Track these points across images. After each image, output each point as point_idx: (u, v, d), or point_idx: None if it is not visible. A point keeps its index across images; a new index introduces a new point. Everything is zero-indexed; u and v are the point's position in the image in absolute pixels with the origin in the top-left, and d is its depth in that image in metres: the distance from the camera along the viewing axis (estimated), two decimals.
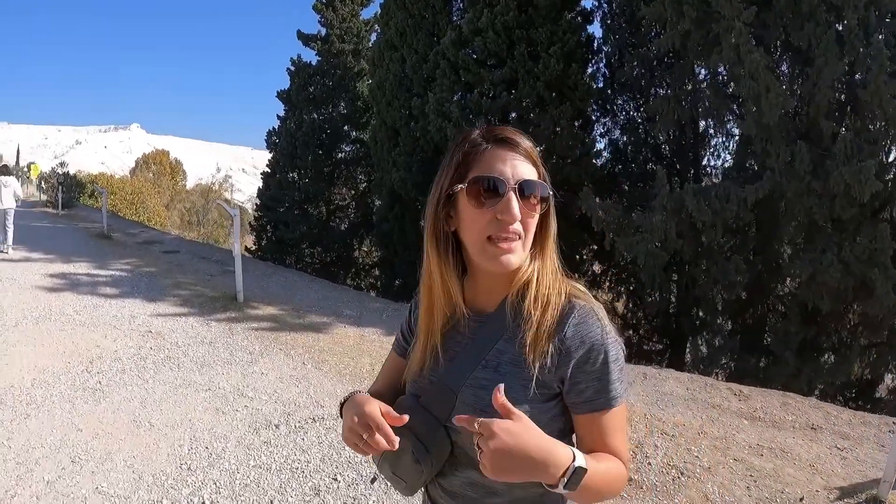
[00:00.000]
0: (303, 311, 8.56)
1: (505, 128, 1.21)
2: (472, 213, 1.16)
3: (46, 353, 6.14)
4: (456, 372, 1.25)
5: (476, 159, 1.17)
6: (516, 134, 1.20)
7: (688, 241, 8.82)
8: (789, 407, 5.18)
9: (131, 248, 14.53)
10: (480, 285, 1.27)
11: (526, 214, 1.16)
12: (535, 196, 1.16)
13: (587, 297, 1.24)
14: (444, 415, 1.23)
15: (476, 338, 1.25)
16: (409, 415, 1.20)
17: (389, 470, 1.31)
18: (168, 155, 50.34)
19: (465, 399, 1.22)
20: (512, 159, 1.16)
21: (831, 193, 7.48)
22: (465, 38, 12.03)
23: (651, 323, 12.36)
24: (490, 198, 1.14)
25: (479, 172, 1.16)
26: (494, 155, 1.17)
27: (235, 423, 4.68)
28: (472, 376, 1.22)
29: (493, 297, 1.26)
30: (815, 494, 3.71)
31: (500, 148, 1.18)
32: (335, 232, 19.97)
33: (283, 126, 20.70)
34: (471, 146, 1.19)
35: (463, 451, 1.24)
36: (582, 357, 1.17)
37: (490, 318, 1.25)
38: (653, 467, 4.04)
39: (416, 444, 1.23)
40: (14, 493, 3.53)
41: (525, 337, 1.18)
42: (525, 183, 1.15)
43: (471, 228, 1.17)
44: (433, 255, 1.25)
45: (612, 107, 13.12)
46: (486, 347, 1.23)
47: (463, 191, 1.17)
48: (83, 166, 66.43)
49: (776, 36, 8.41)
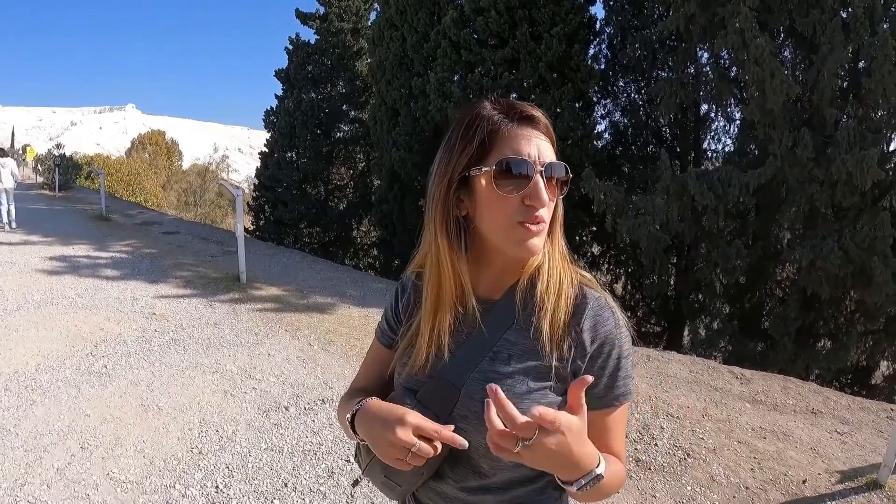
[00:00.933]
0: (306, 291, 8.56)
1: (524, 103, 1.12)
2: (496, 197, 1.07)
3: (50, 338, 6.07)
4: (460, 365, 1.15)
5: (499, 139, 1.07)
6: (535, 109, 1.11)
7: (689, 224, 8.86)
8: (790, 391, 5.24)
9: (130, 229, 14.45)
10: (489, 272, 1.18)
11: (552, 199, 1.09)
12: (559, 179, 1.09)
13: (595, 285, 1.18)
14: (444, 411, 1.13)
15: (481, 328, 1.15)
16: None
17: (382, 474, 1.21)
18: (164, 135, 50.07)
19: (471, 393, 1.12)
20: (536, 138, 1.08)
21: (833, 181, 7.52)
22: (466, 17, 11.98)
23: (649, 305, 12.43)
24: (517, 182, 1.05)
25: (505, 154, 1.06)
26: (518, 134, 1.08)
27: (244, 405, 4.69)
28: (480, 368, 1.13)
29: (500, 284, 1.18)
30: (816, 477, 3.77)
31: (524, 126, 1.09)
32: (334, 212, 19.94)
33: (281, 105, 20.61)
34: (492, 124, 1.08)
35: (469, 458, 1.15)
36: (595, 351, 1.11)
37: (497, 307, 1.17)
38: (659, 448, 4.10)
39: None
40: (24, 482, 3.48)
41: (541, 326, 1.11)
42: (550, 165, 1.07)
43: (495, 213, 1.08)
44: (444, 243, 1.14)
45: (613, 88, 13.12)
46: (494, 338, 1.14)
47: (486, 174, 1.07)
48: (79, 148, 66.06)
49: (781, 21, 8.41)
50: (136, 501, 3.37)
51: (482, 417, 0.99)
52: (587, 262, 13.36)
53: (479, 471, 1.14)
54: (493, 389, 0.90)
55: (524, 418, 0.89)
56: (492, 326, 1.15)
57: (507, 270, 1.16)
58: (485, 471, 1.14)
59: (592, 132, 12.20)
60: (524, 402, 1.05)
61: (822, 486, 3.69)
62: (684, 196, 8.60)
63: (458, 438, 1.03)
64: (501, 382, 1.03)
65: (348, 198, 20.65)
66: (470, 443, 1.07)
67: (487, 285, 1.18)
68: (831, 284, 7.93)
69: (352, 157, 20.88)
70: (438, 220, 1.13)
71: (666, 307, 11.93)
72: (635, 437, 4.28)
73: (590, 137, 11.96)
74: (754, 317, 9.99)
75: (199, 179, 41.10)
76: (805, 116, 8.05)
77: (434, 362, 1.17)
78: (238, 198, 8.80)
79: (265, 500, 3.44)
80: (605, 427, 1.12)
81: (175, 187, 40.37)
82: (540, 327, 1.11)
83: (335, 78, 20.48)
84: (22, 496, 3.35)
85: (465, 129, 1.10)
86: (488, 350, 1.14)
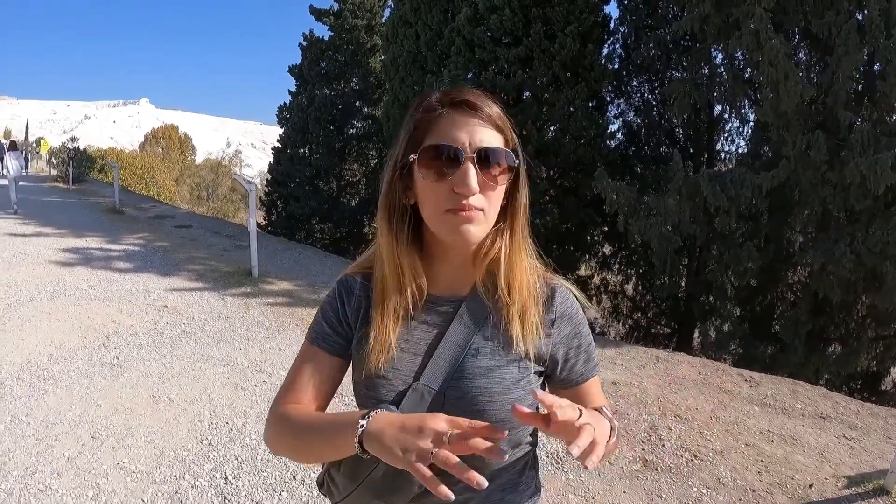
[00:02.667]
0: (317, 286, 8.60)
1: (464, 89, 1.09)
2: (426, 185, 1.05)
3: (62, 329, 6.14)
4: (439, 368, 1.10)
5: (431, 126, 1.06)
6: (478, 97, 1.07)
7: (701, 225, 8.84)
8: (798, 395, 5.23)
9: (143, 222, 14.58)
10: (448, 268, 1.15)
11: (487, 186, 1.04)
12: (499, 166, 1.04)
13: (553, 274, 1.21)
14: None
15: (452, 326, 1.13)
16: None
17: (372, 498, 1.10)
18: (177, 129, 50.42)
19: (459, 395, 1.09)
20: (470, 125, 1.04)
21: (846, 184, 7.46)
22: (480, 15, 11.96)
23: (660, 306, 12.40)
24: (446, 168, 1.02)
25: (434, 140, 1.04)
26: (451, 121, 1.05)
27: (255, 398, 4.74)
28: (462, 367, 1.10)
29: (464, 279, 1.15)
30: (823, 482, 3.77)
31: (458, 113, 1.05)
32: (345, 208, 19.98)
33: (294, 101, 20.68)
34: (425, 111, 1.07)
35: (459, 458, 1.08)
36: (570, 334, 1.18)
37: (466, 303, 1.14)
38: (667, 449, 4.10)
39: None
40: (34, 470, 3.53)
41: (513, 318, 1.11)
42: (485, 151, 1.03)
43: (427, 202, 1.06)
44: (383, 230, 1.12)
45: (626, 88, 13.08)
46: (468, 335, 1.12)
47: (415, 161, 1.05)
48: (92, 141, 66.39)
49: (796, 22, 8.36)
50: (146, 491, 3.40)
51: (480, 413, 1.06)
52: (598, 262, 13.36)
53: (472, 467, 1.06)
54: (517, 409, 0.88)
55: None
56: (465, 324, 1.13)
57: (464, 263, 1.13)
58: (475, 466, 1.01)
59: (605, 132, 12.18)
60: (514, 392, 1.10)
61: (828, 490, 3.69)
62: (697, 197, 8.57)
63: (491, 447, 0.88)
64: (489, 376, 1.09)
65: (360, 194, 20.69)
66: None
67: (449, 282, 1.15)
68: (843, 288, 7.88)
69: (364, 154, 20.92)
70: (382, 204, 1.13)
71: (676, 308, 11.90)
72: (643, 437, 4.29)
73: (603, 137, 11.95)
74: (765, 320, 9.94)
75: (212, 174, 41.23)
76: (819, 119, 7.99)
77: (407, 368, 1.11)
78: (251, 192, 8.85)
79: (274, 493, 3.47)
80: (592, 393, 1.22)
81: (188, 181, 40.51)
82: (513, 320, 1.11)
83: (348, 74, 20.54)
84: (33, 484, 3.39)
85: (407, 117, 1.10)
86: (467, 347, 1.11)
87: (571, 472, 3.78)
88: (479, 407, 1.07)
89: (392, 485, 1.06)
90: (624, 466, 3.89)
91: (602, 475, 3.74)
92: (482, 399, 1.08)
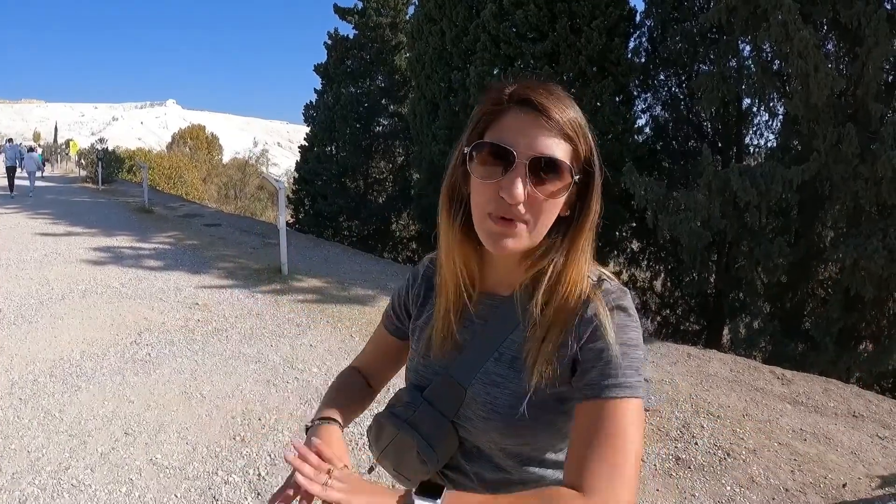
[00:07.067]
0: (347, 283, 8.64)
1: (537, 86, 0.98)
2: (476, 182, 0.98)
3: (94, 326, 6.20)
4: (466, 364, 1.09)
5: (494, 120, 0.98)
6: (548, 98, 0.96)
7: (730, 221, 8.74)
8: (831, 393, 5.16)
9: (172, 221, 14.77)
10: (494, 265, 1.09)
11: (536, 199, 0.95)
12: (557, 179, 0.95)
13: (609, 288, 1.04)
14: (451, 410, 1.09)
15: (488, 325, 1.10)
16: (412, 410, 1.13)
17: (391, 467, 1.19)
18: (204, 129, 50.99)
19: (475, 395, 1.07)
20: (533, 128, 0.95)
21: (878, 178, 7.34)
22: (505, 10, 11.94)
23: (689, 303, 12.28)
24: (495, 170, 0.95)
25: (490, 137, 0.97)
26: (513, 119, 0.96)
27: (286, 394, 4.76)
28: (484, 369, 1.07)
29: (508, 280, 1.08)
30: (857, 481, 3.72)
31: (523, 111, 0.96)
32: (373, 205, 20.07)
33: (320, 100, 20.82)
34: (492, 103, 0.99)
35: (475, 447, 1.12)
36: (590, 335, 0.99)
37: (503, 305, 1.09)
38: (700, 448, 4.07)
39: (420, 442, 1.10)
40: (68, 466, 3.56)
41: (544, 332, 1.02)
42: (541, 160, 0.94)
43: (474, 199, 1.00)
44: (442, 217, 1.08)
45: (653, 82, 12.93)
46: (500, 337, 1.08)
47: (469, 155, 0.99)
48: (120, 142, 67.43)
49: (824, 13, 8.23)
50: (179, 487, 3.43)
51: (485, 420, 1.06)
52: (626, 258, 13.26)
53: (497, 466, 1.11)
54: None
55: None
56: (497, 325, 1.09)
57: (510, 267, 1.07)
58: (502, 466, 1.11)
59: (633, 127, 12.09)
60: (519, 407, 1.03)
61: (861, 490, 3.64)
62: (726, 192, 8.48)
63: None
64: (505, 385, 1.05)
65: (387, 191, 20.78)
66: (476, 444, 1.11)
67: (495, 280, 1.10)
68: (875, 285, 7.75)
69: (391, 151, 21.00)
70: (443, 192, 1.08)
71: (706, 305, 11.78)
72: (675, 435, 4.26)
73: (630, 132, 11.85)
74: (795, 317, 9.81)
75: (239, 173, 41.61)
76: (849, 111, 7.87)
77: (443, 355, 1.13)
78: (280, 191, 8.92)
79: None
80: (589, 424, 0.94)
81: (215, 181, 40.94)
82: (534, 344, 1.02)
83: (374, 72, 20.59)
84: (66, 479, 3.43)
85: (477, 104, 1.03)
86: (493, 351, 1.08)
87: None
88: (487, 413, 1.06)
89: (403, 459, 1.14)
90: (657, 464, 3.86)
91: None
92: (490, 406, 1.05)
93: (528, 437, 1.06)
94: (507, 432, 1.06)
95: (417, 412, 1.12)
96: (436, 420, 1.10)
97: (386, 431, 1.17)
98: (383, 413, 1.20)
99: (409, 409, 1.14)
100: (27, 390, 4.60)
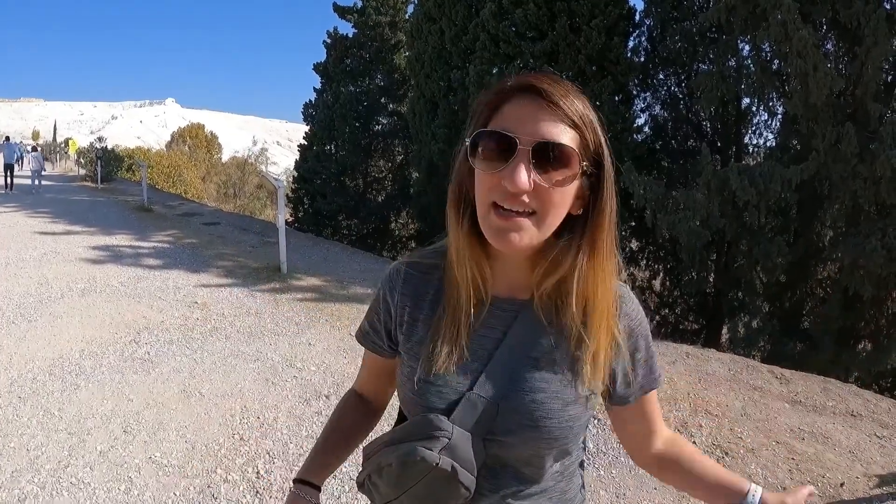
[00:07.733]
0: (346, 282, 8.62)
1: (543, 76, 0.93)
2: (478, 174, 0.93)
3: (93, 325, 6.16)
4: (497, 375, 1.00)
5: (497, 110, 0.93)
6: (553, 85, 0.91)
7: (729, 220, 8.75)
8: (830, 393, 5.15)
9: (171, 220, 14.70)
10: (505, 265, 1.02)
11: (543, 188, 0.90)
12: (564, 167, 0.90)
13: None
14: (482, 429, 0.99)
15: (512, 332, 1.02)
16: (443, 436, 0.97)
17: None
18: (203, 128, 50.94)
19: (515, 406, 0.99)
20: (537, 115, 0.90)
21: (876, 177, 7.35)
22: (505, 9, 11.96)
23: (688, 302, 12.29)
24: (498, 159, 0.89)
25: (493, 126, 0.92)
26: (516, 107, 0.92)
27: (285, 393, 4.75)
28: (521, 378, 1.00)
29: (523, 282, 1.03)
30: (855, 481, 3.71)
31: (527, 99, 0.91)
32: (372, 204, 20.11)
33: (319, 99, 20.84)
34: (496, 93, 0.94)
35: (507, 467, 1.04)
36: (631, 346, 1.05)
37: (524, 308, 1.03)
38: (698, 446, 4.05)
39: (460, 471, 0.97)
40: (67, 464, 3.54)
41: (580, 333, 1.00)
42: (545, 145, 0.88)
43: (477, 192, 0.94)
44: (449, 215, 1.02)
45: (653, 82, 12.96)
46: (529, 344, 1.01)
47: (469, 146, 0.94)
48: (119, 141, 67.41)
49: (823, 13, 8.24)
50: (178, 485, 3.43)
51: (528, 428, 0.99)
52: (626, 258, 13.19)
53: (521, 478, 1.05)
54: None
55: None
56: (523, 332, 1.02)
57: (523, 268, 1.02)
58: (527, 477, 1.05)
59: (632, 126, 12.13)
60: (572, 409, 1.01)
61: (859, 489, 3.64)
62: (725, 191, 8.49)
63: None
64: (547, 390, 1.00)
65: (386, 190, 20.81)
66: (514, 455, 1.01)
67: (509, 283, 1.03)
68: (873, 284, 7.76)
69: (390, 150, 21.04)
70: (450, 189, 1.02)
71: (705, 304, 11.79)
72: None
73: (629, 131, 11.88)
74: (794, 316, 9.83)
75: (239, 172, 41.62)
76: (848, 111, 7.88)
77: (458, 370, 1.01)
78: (279, 189, 8.90)
79: None
80: (651, 408, 1.16)
81: (214, 179, 40.95)
82: (583, 354, 1.00)
83: (373, 71, 20.61)
84: (65, 477, 3.42)
85: (480, 96, 0.98)
86: (525, 357, 1.01)
87: (602, 468, 3.76)
88: (536, 422, 0.99)
89: (437, 494, 0.99)
90: None
91: (633, 471, 3.72)
92: (539, 414, 0.98)
93: (570, 439, 1.03)
94: (553, 438, 1.00)
95: (452, 438, 0.97)
96: (469, 442, 0.98)
97: (416, 468, 0.97)
98: (405, 450, 0.99)
99: (443, 438, 0.97)
100: (26, 389, 4.59)
